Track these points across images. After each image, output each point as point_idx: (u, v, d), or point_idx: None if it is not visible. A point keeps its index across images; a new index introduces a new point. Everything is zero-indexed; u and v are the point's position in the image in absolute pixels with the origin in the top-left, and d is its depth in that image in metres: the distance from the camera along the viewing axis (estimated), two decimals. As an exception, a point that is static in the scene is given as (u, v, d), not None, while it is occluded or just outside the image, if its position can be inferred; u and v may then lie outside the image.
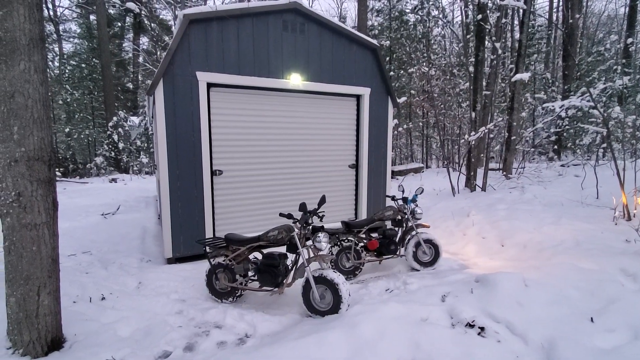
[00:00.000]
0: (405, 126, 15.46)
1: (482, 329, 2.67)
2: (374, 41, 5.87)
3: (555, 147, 13.21)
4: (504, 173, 8.83)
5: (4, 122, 2.39)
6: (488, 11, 8.13)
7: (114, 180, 15.52)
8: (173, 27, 18.54)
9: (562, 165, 10.48)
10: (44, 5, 2.57)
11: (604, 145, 9.61)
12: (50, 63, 20.23)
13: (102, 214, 7.99)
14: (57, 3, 20.94)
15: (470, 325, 2.72)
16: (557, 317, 2.74)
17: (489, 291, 3.09)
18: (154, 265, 4.79)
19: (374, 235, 4.50)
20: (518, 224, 5.18)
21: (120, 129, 17.91)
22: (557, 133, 12.50)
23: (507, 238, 4.93)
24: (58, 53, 20.94)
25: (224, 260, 3.59)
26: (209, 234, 4.94)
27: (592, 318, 2.68)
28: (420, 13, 16.36)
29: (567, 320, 2.69)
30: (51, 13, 20.24)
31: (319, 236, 3.28)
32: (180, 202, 4.74)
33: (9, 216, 2.45)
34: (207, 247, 3.73)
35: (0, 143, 2.41)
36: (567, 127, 11.43)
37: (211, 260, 3.68)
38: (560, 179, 8.19)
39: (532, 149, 14.06)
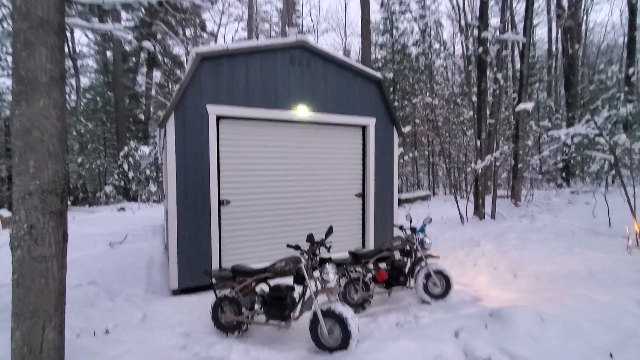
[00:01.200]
0: (410, 154, 15.57)
1: (498, 367, 2.55)
2: (378, 74, 6.06)
3: (564, 174, 13.11)
4: (513, 201, 8.74)
5: (21, 156, 2.47)
6: (488, 44, 8.40)
7: (122, 209, 15.68)
8: (185, 62, 19.42)
9: (572, 193, 10.36)
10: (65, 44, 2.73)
11: (613, 172, 9.53)
12: (67, 96, 21.14)
13: (110, 243, 8.00)
14: (76, 40, 22.17)
15: (486, 364, 2.59)
16: (574, 353, 2.61)
17: (503, 326, 2.97)
18: (159, 296, 4.73)
19: (383, 266, 4.41)
20: (530, 253, 5.07)
21: (130, 159, 18.32)
22: (565, 160, 12.45)
23: (519, 268, 4.80)
24: (75, 86, 21.90)
25: (230, 293, 3.53)
26: (215, 264, 4.90)
27: (611, 354, 2.55)
28: (422, 46, 16.95)
29: (585, 356, 2.56)
30: (70, 49, 21.39)
31: (326, 268, 3.23)
32: (188, 231, 4.74)
33: (19, 249, 2.47)
34: (214, 279, 3.69)
35: (16, 176, 2.48)
36: (573, 154, 11.40)
37: (217, 292, 3.62)
38: (571, 206, 8.06)
39: (540, 176, 13.96)
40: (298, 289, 3.44)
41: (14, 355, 2.52)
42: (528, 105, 7.12)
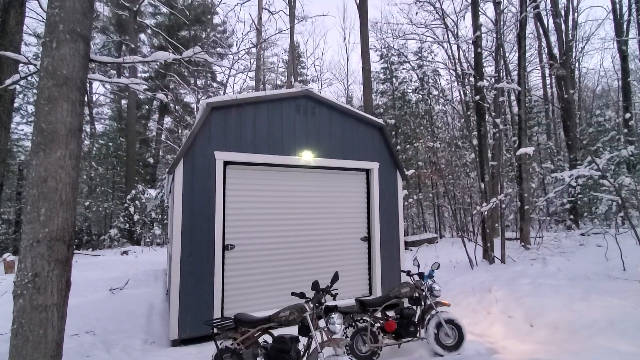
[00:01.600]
0: (415, 197, 15.57)
1: None
2: (380, 120, 6.29)
3: (572, 215, 12.93)
4: (522, 243, 8.54)
5: (33, 205, 2.53)
6: (485, 91, 8.76)
7: (125, 252, 15.53)
8: (195, 110, 20.33)
9: (582, 234, 10.13)
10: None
11: (621, 213, 9.39)
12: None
13: (110, 289, 7.83)
14: (93, 89, 23.51)
15: None
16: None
17: (522, 382, 2.77)
18: (157, 347, 4.53)
19: (391, 314, 4.24)
20: (545, 300, 4.85)
21: (137, 202, 18.51)
22: (571, 201, 12.35)
23: (535, 317, 4.57)
24: (88, 133, 22.82)
25: (232, 344, 3.38)
26: (217, 312, 4.75)
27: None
28: (421, 93, 17.68)
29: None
30: (88, 99, 22.60)
31: (332, 317, 3.12)
32: (191, 277, 4.66)
33: (22, 297, 2.45)
34: (215, 329, 3.55)
35: (26, 224, 2.52)
36: (579, 195, 11.33)
37: (218, 343, 3.47)
38: (582, 249, 7.85)
39: (548, 218, 13.76)
40: (303, 340, 3.29)
41: (3, 415, 2.39)
42: (529, 150, 7.25)
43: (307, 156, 5.53)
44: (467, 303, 5.62)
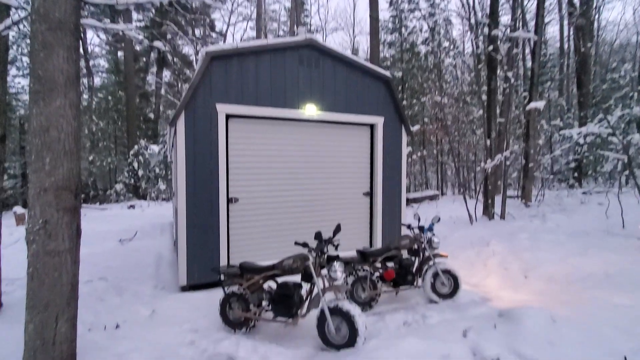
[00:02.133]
0: (419, 153, 15.47)
1: (508, 368, 2.52)
2: (386, 72, 6.03)
3: (576, 174, 12.89)
4: (523, 201, 8.62)
5: (38, 154, 2.52)
6: (499, 42, 8.29)
7: (132, 206, 15.89)
8: (194, 62, 19.61)
9: (584, 193, 10.17)
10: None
11: (626, 172, 9.33)
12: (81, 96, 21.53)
13: (119, 240, 8.12)
14: (88, 40, 22.53)
15: (496, 364, 2.57)
16: (588, 357, 2.56)
17: (514, 327, 2.93)
18: (167, 292, 4.78)
19: (390, 264, 4.39)
20: (542, 254, 4.99)
21: (140, 157, 18.56)
22: (577, 160, 12.23)
23: (531, 269, 4.73)
24: (86, 86, 22.29)
25: (238, 289, 3.56)
26: (223, 261, 4.94)
27: (625, 357, 2.50)
28: (431, 45, 16.81)
29: (600, 361, 2.51)
30: (83, 50, 21.76)
31: (334, 266, 3.23)
32: (197, 229, 4.79)
33: (34, 243, 2.53)
34: (222, 275, 3.71)
35: (32, 173, 2.54)
36: (586, 153, 11.19)
37: (225, 288, 3.65)
38: (583, 207, 7.92)
39: (551, 176, 13.74)
40: (305, 287, 3.45)
41: (27, 348, 2.58)
42: (539, 104, 7.01)
43: (310, 110, 5.39)
44: (465, 256, 5.80)
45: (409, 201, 12.74)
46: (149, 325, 3.71)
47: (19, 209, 11.42)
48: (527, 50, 14.74)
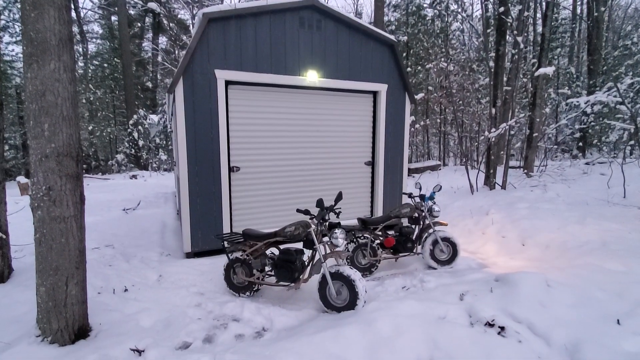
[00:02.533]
0: (422, 123, 15.25)
1: (502, 328, 2.62)
2: (391, 37, 5.80)
3: (580, 144, 12.75)
4: (525, 171, 8.59)
5: (36, 120, 2.50)
6: (509, 4, 7.89)
7: (134, 176, 15.98)
8: (191, 27, 18.88)
9: (587, 163, 10.11)
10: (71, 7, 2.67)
11: (632, 142, 9.21)
12: (75, 62, 20.98)
13: (124, 209, 8.23)
14: (80, 5, 21.59)
15: (490, 325, 2.67)
16: (581, 319, 2.65)
17: (509, 291, 3.02)
18: (173, 259, 4.91)
19: (391, 232, 4.47)
20: (540, 223, 5.04)
21: (140, 127, 18.40)
22: (582, 130, 12.05)
23: (528, 237, 4.80)
24: (81, 53, 21.66)
25: (241, 255, 3.64)
26: (226, 229, 5.03)
27: (618, 320, 2.59)
28: (438, 7, 16.05)
29: (592, 323, 2.60)
30: (74, 14, 20.92)
31: (335, 232, 3.29)
32: (199, 198, 4.83)
33: (39, 209, 2.56)
34: (225, 242, 3.79)
35: (32, 139, 2.52)
36: (592, 123, 11.00)
37: (229, 255, 3.74)
38: (585, 177, 7.90)
39: (555, 147, 13.61)
40: (307, 253, 3.52)
41: (40, 310, 2.69)
42: (548, 70, 6.78)
43: (312, 76, 5.25)
44: (464, 225, 5.87)
45: (410, 171, 12.73)
46: (157, 288, 3.84)
47: (22, 179, 11.50)
48: (539, 15, 14.08)
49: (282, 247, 3.59)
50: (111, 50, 21.65)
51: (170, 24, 21.78)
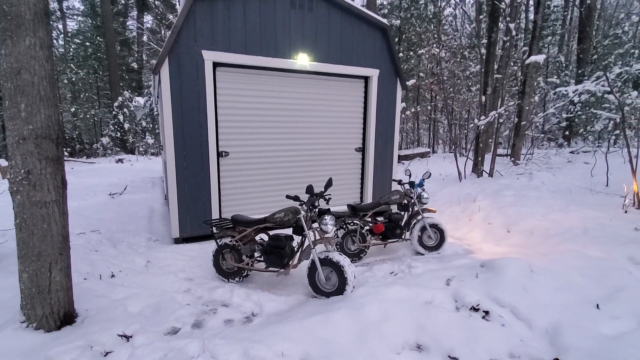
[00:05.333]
0: (412, 110, 15.23)
1: (486, 312, 2.69)
2: (384, 20, 5.69)
3: (566, 133, 12.97)
4: (512, 159, 8.72)
5: (12, 99, 2.38)
6: (503, -10, 7.81)
7: (120, 160, 15.63)
8: (177, 5, 18.16)
9: (572, 152, 10.32)
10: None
11: (617, 132, 9.41)
12: (54, 41, 20.06)
13: (110, 194, 8.07)
14: (59, -21, 20.51)
15: (475, 309, 2.74)
16: (562, 304, 2.74)
17: (494, 276, 3.09)
18: (161, 244, 4.86)
19: (380, 219, 4.50)
20: (525, 210, 5.14)
21: (125, 110, 17.89)
22: (568, 119, 12.23)
23: (513, 224, 4.91)
24: (62, 31, 20.72)
25: (230, 241, 3.62)
26: (215, 215, 4.98)
27: (597, 305, 2.68)
28: (431, -9, 15.79)
29: (572, 307, 2.69)
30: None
31: (325, 219, 3.28)
32: (187, 182, 4.75)
33: (19, 194, 2.47)
34: (214, 228, 3.76)
35: (8, 120, 2.40)
36: (579, 112, 11.17)
37: (218, 240, 3.71)
38: (570, 165, 8.07)
39: (542, 135, 13.82)
40: (297, 239, 3.52)
41: (24, 296, 2.63)
42: (539, 58, 6.79)
43: (302, 59, 5.13)
44: (451, 211, 5.96)
45: (400, 158, 12.78)
46: (145, 274, 3.80)
47: (3, 162, 11.10)
48: (531, 2, 13.99)
49: (271, 233, 3.58)
50: (93, 29, 20.74)
51: (156, 2, 20.95)
